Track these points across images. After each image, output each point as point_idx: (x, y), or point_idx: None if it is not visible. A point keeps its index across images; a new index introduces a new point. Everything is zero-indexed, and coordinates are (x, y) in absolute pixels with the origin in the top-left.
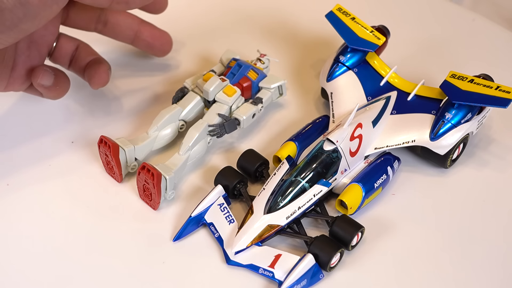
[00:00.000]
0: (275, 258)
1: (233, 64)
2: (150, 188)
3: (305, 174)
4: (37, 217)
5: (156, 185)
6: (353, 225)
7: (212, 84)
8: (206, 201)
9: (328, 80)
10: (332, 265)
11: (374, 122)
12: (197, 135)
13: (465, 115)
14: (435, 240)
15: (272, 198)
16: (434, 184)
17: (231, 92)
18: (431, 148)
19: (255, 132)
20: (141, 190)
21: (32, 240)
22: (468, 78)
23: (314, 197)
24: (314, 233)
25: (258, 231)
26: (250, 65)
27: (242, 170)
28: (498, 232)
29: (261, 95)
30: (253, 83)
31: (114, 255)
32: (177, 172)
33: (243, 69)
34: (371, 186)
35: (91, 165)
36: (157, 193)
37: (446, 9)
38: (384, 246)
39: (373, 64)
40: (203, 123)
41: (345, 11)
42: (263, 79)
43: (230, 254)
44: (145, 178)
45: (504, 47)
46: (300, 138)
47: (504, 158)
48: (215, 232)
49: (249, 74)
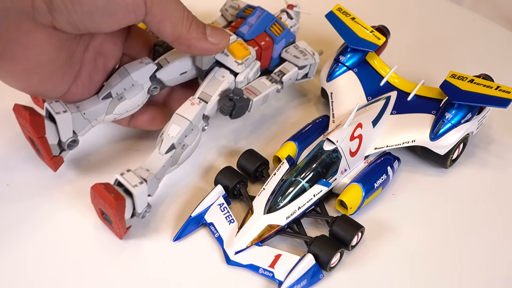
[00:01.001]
0: (275, 258)
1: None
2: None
3: (305, 174)
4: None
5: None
6: (353, 225)
7: None
8: (206, 201)
9: (328, 80)
10: (332, 265)
11: (374, 122)
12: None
13: (465, 115)
14: (435, 240)
15: (272, 198)
16: (434, 184)
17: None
18: (431, 148)
19: (255, 132)
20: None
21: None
22: (468, 78)
23: (314, 197)
24: (314, 233)
25: (258, 231)
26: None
27: (242, 170)
28: (498, 231)
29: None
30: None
31: (113, 254)
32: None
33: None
34: (371, 186)
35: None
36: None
37: (446, 9)
38: (384, 246)
39: (373, 64)
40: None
41: (345, 11)
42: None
43: (230, 254)
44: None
45: (504, 47)
46: (300, 138)
47: (504, 158)
48: (215, 232)
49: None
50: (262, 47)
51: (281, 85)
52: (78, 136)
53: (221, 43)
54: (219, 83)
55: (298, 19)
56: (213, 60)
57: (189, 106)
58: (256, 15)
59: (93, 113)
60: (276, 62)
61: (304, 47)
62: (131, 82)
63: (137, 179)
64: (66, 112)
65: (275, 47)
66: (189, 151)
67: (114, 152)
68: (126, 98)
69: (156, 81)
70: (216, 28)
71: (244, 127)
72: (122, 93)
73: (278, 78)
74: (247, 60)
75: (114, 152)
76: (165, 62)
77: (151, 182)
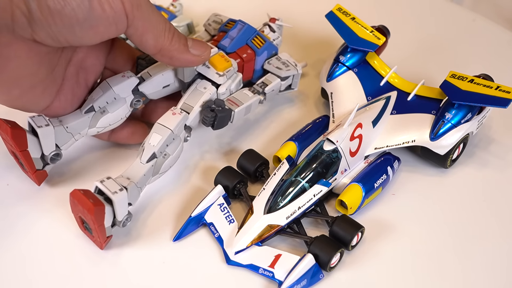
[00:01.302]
0: (275, 258)
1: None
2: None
3: (305, 174)
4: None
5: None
6: (353, 225)
7: None
8: (206, 201)
9: (328, 80)
10: (332, 265)
11: (374, 122)
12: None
13: (465, 115)
14: (435, 240)
15: (272, 198)
16: (434, 184)
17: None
18: (431, 148)
19: (255, 132)
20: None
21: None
22: (468, 78)
23: (314, 197)
24: (314, 233)
25: (258, 231)
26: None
27: (242, 170)
28: (498, 231)
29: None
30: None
31: (114, 255)
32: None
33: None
34: (371, 186)
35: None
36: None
37: (446, 9)
38: (384, 246)
39: (373, 64)
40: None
41: (345, 11)
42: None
43: (230, 254)
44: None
45: (504, 47)
46: (300, 138)
47: (504, 158)
48: (215, 232)
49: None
50: (244, 59)
51: (264, 96)
52: (61, 150)
53: (202, 54)
54: (201, 94)
55: (281, 32)
56: (194, 72)
57: (171, 116)
58: (237, 28)
59: (76, 126)
60: (259, 74)
61: (286, 59)
62: (113, 96)
63: (117, 186)
64: (48, 126)
65: (257, 59)
66: (170, 160)
67: (94, 161)
68: (109, 111)
69: (139, 95)
70: (197, 40)
71: (244, 127)
72: (105, 106)
73: (260, 89)
74: (229, 72)
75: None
76: (147, 76)
77: (132, 190)
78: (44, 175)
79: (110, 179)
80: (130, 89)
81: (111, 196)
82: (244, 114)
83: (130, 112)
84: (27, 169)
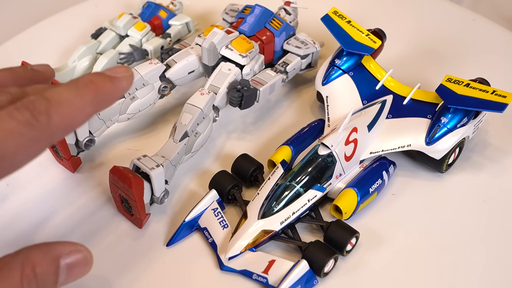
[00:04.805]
0: (269, 263)
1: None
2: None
3: (300, 178)
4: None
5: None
6: (348, 230)
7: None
8: (200, 205)
9: (323, 83)
10: (326, 271)
11: (370, 126)
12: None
13: (461, 120)
14: (430, 245)
15: (267, 203)
16: (431, 188)
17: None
18: (426, 152)
19: (250, 136)
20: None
21: None
22: (464, 82)
23: (309, 202)
24: (309, 238)
25: (252, 236)
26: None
27: (236, 175)
28: (495, 235)
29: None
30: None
31: (107, 259)
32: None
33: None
34: (366, 191)
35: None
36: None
37: (446, 9)
38: (379, 251)
39: (369, 68)
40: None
41: (340, 14)
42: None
43: (224, 260)
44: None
45: (504, 47)
46: (295, 142)
47: (500, 163)
48: (209, 237)
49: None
50: (264, 41)
51: (286, 75)
52: (94, 136)
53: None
54: (226, 75)
55: (297, 14)
56: (218, 56)
57: (199, 96)
58: (254, 12)
59: (108, 113)
60: (279, 55)
61: (304, 38)
62: (142, 82)
63: (154, 162)
64: None
65: (276, 41)
66: (202, 139)
67: (115, 152)
68: (138, 97)
69: (166, 81)
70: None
71: (239, 131)
72: (134, 93)
73: (282, 68)
74: (251, 53)
75: (115, 152)
76: (172, 63)
77: (168, 167)
78: (78, 162)
79: (146, 156)
80: (158, 75)
81: (149, 171)
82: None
83: (158, 98)
84: (62, 155)
